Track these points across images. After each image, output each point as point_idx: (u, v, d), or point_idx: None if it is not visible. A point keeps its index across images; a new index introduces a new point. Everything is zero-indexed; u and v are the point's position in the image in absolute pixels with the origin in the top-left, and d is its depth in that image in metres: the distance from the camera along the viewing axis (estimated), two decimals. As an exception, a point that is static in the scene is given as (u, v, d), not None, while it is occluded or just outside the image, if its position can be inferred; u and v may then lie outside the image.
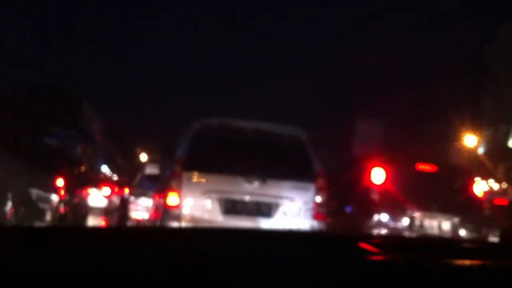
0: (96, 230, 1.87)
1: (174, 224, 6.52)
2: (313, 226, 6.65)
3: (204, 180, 6.72)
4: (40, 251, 1.26)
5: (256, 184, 6.68)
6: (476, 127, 26.90)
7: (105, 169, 42.84)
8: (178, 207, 6.60)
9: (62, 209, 9.77)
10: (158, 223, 7.26)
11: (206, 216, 6.62)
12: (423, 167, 9.49)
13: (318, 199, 6.85)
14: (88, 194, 15.70)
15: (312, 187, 6.85)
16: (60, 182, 10.35)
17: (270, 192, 6.74)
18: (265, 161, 6.91)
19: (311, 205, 6.81)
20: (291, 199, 6.76)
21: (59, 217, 9.37)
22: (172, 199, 6.63)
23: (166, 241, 1.54)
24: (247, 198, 6.71)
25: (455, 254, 1.45)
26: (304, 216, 6.76)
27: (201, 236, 1.67)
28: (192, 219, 6.60)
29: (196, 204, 6.66)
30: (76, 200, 12.41)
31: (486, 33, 29.89)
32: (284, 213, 6.72)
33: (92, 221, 16.00)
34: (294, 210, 6.75)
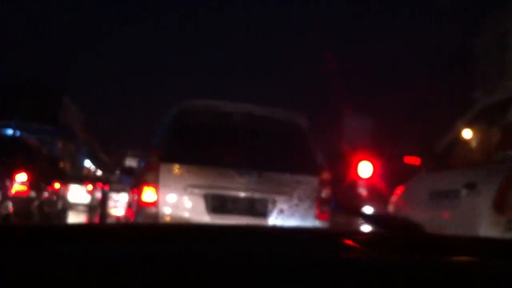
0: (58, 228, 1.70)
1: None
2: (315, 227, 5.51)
3: (186, 172, 5.58)
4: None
5: (248, 178, 5.55)
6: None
7: (88, 164, 42.35)
8: (154, 204, 5.45)
9: (11, 208, 8.78)
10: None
11: (188, 215, 5.48)
12: (410, 160, 9.04)
13: (322, 195, 5.74)
14: (64, 190, 15.05)
15: (314, 181, 5.74)
16: (21, 177, 9.47)
17: (265, 187, 5.61)
18: (259, 150, 5.79)
19: (313, 202, 5.70)
20: (290, 195, 5.64)
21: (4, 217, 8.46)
22: (147, 195, 5.48)
23: (137, 238, 1.39)
24: (238, 194, 5.58)
25: (437, 251, 1.44)
26: (306, 215, 5.65)
27: (176, 234, 1.51)
28: (172, 218, 5.47)
29: (176, 201, 5.52)
30: (45, 197, 11.49)
31: (474, 25, 29.27)
32: (282, 212, 5.60)
33: (73, 218, 15.51)
34: (293, 208, 5.64)
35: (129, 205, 7.08)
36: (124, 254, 1.21)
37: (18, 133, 25.97)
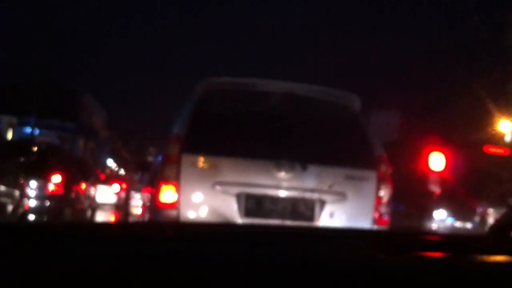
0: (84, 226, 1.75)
1: None
2: None
3: (213, 167, 4.51)
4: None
5: (291, 173, 4.48)
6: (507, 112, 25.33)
7: (111, 163, 42.06)
8: (174, 206, 4.42)
9: (26, 205, 9.72)
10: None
11: (218, 219, 4.43)
12: (494, 150, 7.73)
13: (381, 194, 4.65)
14: (92, 190, 15.87)
15: (372, 177, 4.65)
16: (56, 178, 10.96)
17: (311, 184, 4.53)
18: (303, 139, 4.71)
19: (371, 203, 4.61)
20: (343, 195, 4.56)
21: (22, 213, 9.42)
22: (165, 194, 4.44)
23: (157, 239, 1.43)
24: (277, 193, 4.51)
25: (438, 250, 1.43)
26: (361, 219, 4.58)
27: (187, 235, 1.51)
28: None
29: (201, 203, 4.47)
30: (75, 196, 12.79)
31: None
32: (332, 215, 4.53)
33: (100, 217, 16.12)
34: (347, 211, 4.57)
35: (145, 206, 6.28)
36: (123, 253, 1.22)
37: (36, 131, 25.69)
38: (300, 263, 1.21)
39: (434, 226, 7.10)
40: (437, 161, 7.26)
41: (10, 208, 9.13)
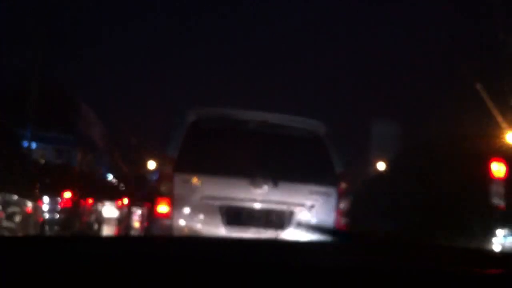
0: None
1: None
2: None
3: (200, 183, 5.54)
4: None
5: (265, 188, 5.49)
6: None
7: (110, 177, 40.99)
8: (168, 216, 5.43)
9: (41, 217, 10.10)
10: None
11: (204, 227, 5.45)
12: None
13: (341, 205, 5.65)
14: (99, 206, 17.48)
15: (333, 192, 5.66)
16: (67, 194, 12.48)
17: (282, 198, 5.54)
18: (275, 160, 5.72)
19: (332, 213, 5.61)
20: (308, 207, 5.57)
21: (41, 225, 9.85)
22: (161, 207, 5.45)
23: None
24: (254, 205, 5.53)
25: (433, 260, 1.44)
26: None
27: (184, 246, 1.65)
28: (187, 231, 5.42)
29: (191, 213, 5.49)
30: (83, 210, 14.32)
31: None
32: (300, 224, 5.52)
33: (106, 230, 17.32)
34: (311, 220, 5.56)
35: (143, 217, 7.06)
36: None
37: (34, 145, 24.92)
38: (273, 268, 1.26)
39: (496, 245, 6.48)
40: (499, 169, 6.62)
41: (18, 218, 9.87)
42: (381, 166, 23.38)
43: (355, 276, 1.23)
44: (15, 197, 9.64)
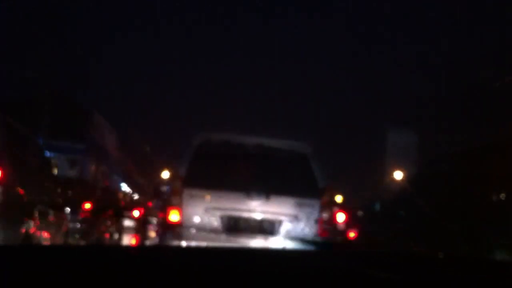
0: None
1: (175, 242, 6.61)
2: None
3: (205, 196, 6.75)
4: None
5: (258, 201, 6.68)
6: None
7: (124, 187, 40.10)
8: (178, 224, 6.63)
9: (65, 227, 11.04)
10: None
11: (207, 233, 6.64)
12: None
13: (324, 215, 6.82)
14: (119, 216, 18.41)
15: (317, 204, 6.83)
16: (87, 205, 13.75)
17: (273, 209, 6.73)
18: (267, 177, 6.92)
19: (316, 222, 6.78)
20: (295, 216, 6.74)
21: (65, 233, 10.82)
22: (172, 216, 6.67)
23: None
24: (249, 215, 6.73)
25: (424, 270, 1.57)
26: (309, 234, 6.73)
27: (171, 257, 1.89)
28: (194, 236, 6.63)
29: (197, 221, 6.69)
30: (102, 220, 15.45)
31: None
32: (288, 231, 6.70)
33: (125, 240, 18.22)
34: (298, 228, 6.73)
35: (158, 226, 7.97)
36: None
37: (47, 154, 24.91)
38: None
39: None
40: None
41: (50, 228, 10.45)
42: (398, 175, 23.10)
43: (335, 278, 1.36)
44: (47, 208, 10.54)
